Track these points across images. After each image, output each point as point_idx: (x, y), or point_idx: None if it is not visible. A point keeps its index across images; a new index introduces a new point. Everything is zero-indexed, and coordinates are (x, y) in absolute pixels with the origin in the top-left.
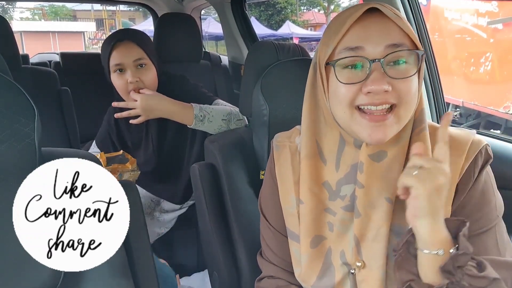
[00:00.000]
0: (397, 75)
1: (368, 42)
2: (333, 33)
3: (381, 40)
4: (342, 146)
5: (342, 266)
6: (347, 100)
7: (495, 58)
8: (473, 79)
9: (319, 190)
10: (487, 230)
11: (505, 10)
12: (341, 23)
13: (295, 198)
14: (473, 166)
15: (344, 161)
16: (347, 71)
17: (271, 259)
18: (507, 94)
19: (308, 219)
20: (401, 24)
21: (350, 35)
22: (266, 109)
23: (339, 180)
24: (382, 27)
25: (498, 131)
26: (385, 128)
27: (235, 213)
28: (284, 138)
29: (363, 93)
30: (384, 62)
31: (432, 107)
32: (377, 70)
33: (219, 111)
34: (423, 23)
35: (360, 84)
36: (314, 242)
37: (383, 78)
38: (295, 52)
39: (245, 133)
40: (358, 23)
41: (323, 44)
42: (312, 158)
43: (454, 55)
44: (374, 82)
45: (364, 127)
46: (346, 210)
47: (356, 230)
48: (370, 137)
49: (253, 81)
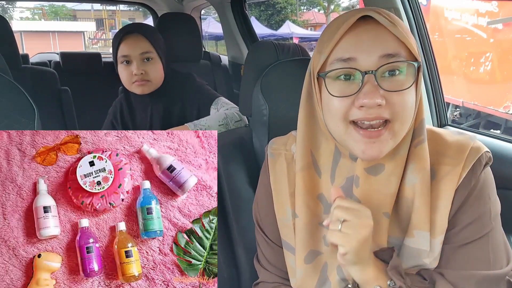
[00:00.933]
0: (391, 87)
1: (361, 52)
2: (326, 41)
3: (374, 50)
4: (338, 158)
5: (339, 282)
6: (340, 114)
7: (495, 58)
8: (473, 79)
9: (314, 204)
10: (479, 238)
11: (505, 10)
12: (334, 31)
13: (291, 210)
14: (470, 175)
15: (340, 173)
16: (339, 83)
17: (266, 267)
18: (507, 94)
19: (303, 233)
20: (397, 32)
21: (342, 45)
22: (266, 109)
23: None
24: (376, 36)
25: (498, 131)
26: (380, 145)
27: (235, 213)
28: (280, 146)
29: (356, 107)
30: (377, 74)
31: (432, 107)
32: (370, 82)
33: (214, 120)
34: (423, 23)
35: (353, 97)
36: (309, 257)
37: (376, 91)
38: (295, 52)
39: (245, 133)
40: (351, 31)
41: (317, 51)
42: (306, 170)
43: (454, 55)
44: (366, 96)
45: (358, 142)
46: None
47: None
48: (364, 153)
49: (253, 81)
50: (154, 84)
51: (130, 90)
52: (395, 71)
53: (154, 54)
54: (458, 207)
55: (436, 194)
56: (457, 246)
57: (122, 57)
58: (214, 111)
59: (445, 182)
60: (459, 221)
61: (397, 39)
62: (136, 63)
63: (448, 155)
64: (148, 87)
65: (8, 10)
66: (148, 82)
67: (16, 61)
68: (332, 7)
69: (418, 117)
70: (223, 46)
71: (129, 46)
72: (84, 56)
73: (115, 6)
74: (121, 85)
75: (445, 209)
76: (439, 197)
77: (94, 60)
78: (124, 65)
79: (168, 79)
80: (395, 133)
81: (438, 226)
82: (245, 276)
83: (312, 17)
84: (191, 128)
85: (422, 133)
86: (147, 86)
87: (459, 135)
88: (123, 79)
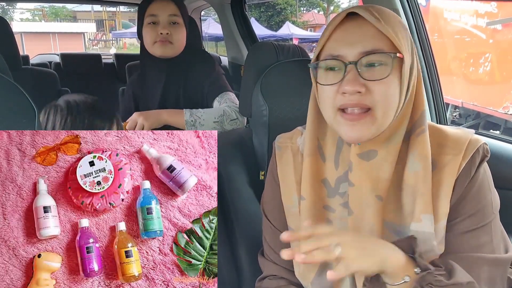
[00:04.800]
0: (371, 77)
1: (346, 49)
2: (322, 37)
3: (356, 47)
4: (341, 145)
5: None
6: (328, 101)
7: (495, 58)
8: (472, 80)
9: (319, 187)
10: (482, 226)
11: (504, 11)
12: (328, 27)
13: (297, 197)
14: (470, 164)
15: (342, 159)
16: (327, 73)
17: (273, 259)
18: (506, 94)
19: (308, 215)
20: (380, 27)
21: (332, 41)
22: (265, 109)
23: (339, 178)
24: (360, 32)
25: (498, 131)
26: (361, 127)
27: (235, 213)
28: (286, 139)
29: (339, 94)
30: (358, 65)
31: (432, 107)
32: (352, 72)
33: (210, 114)
34: (423, 24)
35: (337, 85)
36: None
37: (356, 79)
38: (295, 52)
39: (245, 133)
40: (339, 28)
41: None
42: (313, 156)
43: (453, 55)
44: (348, 83)
45: (342, 126)
46: (344, 207)
47: (351, 228)
48: (346, 135)
49: (253, 82)
50: (176, 48)
51: (151, 51)
52: (375, 63)
53: (180, 20)
54: (459, 195)
55: (437, 183)
56: (461, 233)
57: (150, 16)
58: (216, 104)
59: (446, 171)
60: (463, 210)
61: (381, 34)
62: (163, 24)
63: (448, 146)
64: (170, 49)
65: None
66: (170, 44)
67: (16, 62)
68: (332, 8)
69: (419, 108)
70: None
71: (159, 7)
72: (84, 57)
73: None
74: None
75: (446, 196)
76: (441, 185)
77: (94, 61)
78: (150, 26)
79: (188, 50)
80: (376, 119)
81: (440, 212)
82: (245, 276)
83: (312, 18)
84: (187, 114)
85: (423, 123)
86: (169, 48)
87: (458, 129)
88: (146, 39)
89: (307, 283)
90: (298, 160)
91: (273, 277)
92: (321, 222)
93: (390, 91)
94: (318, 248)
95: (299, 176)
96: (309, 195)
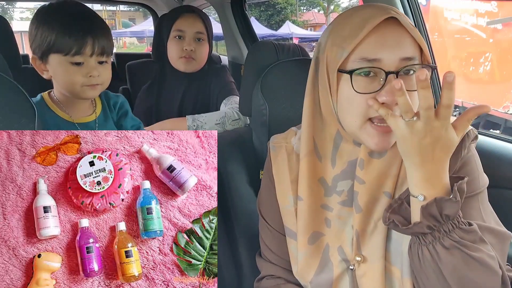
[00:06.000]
0: (409, 87)
1: (385, 53)
2: (348, 36)
3: (397, 52)
4: (338, 143)
5: (340, 262)
6: (361, 110)
7: (495, 58)
8: (472, 79)
9: (316, 187)
10: (471, 195)
11: (505, 10)
12: (356, 28)
13: (293, 197)
14: (460, 146)
15: (340, 157)
16: (361, 79)
17: (270, 259)
18: (506, 94)
19: (306, 215)
20: (416, 36)
21: (367, 44)
22: (266, 109)
23: (335, 176)
24: (398, 38)
25: (498, 131)
26: (390, 138)
27: (235, 213)
28: (280, 140)
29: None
30: (399, 75)
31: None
32: (391, 82)
33: (212, 118)
34: (423, 23)
35: (374, 94)
36: (312, 239)
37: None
38: (295, 52)
39: (245, 132)
40: (374, 31)
41: (335, 45)
42: (309, 156)
43: (453, 55)
44: (388, 94)
45: (373, 137)
46: (343, 205)
47: (357, 225)
48: (377, 146)
49: (253, 81)
50: (198, 64)
51: (175, 65)
52: (411, 71)
53: (205, 37)
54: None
55: None
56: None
57: (176, 31)
58: (223, 106)
59: None
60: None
61: (414, 42)
62: (188, 40)
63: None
64: (193, 65)
65: (8, 10)
66: (193, 60)
67: (16, 61)
68: (332, 7)
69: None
70: (223, 46)
71: (187, 23)
72: None
73: (115, 7)
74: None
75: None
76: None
77: None
78: (176, 40)
79: (207, 65)
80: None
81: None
82: (245, 276)
83: (312, 18)
84: (189, 120)
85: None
86: (192, 64)
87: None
88: (171, 53)
89: (306, 282)
90: (293, 160)
91: (271, 277)
92: (319, 221)
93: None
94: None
95: (294, 175)
96: (307, 195)
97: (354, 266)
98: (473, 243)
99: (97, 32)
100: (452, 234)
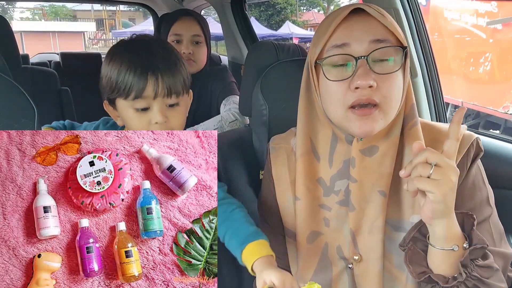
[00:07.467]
0: (382, 71)
1: (353, 39)
2: (322, 33)
3: (365, 36)
4: (335, 143)
5: (339, 260)
6: (339, 98)
7: (495, 58)
8: (472, 79)
9: (314, 187)
10: (482, 221)
11: (505, 10)
12: (328, 24)
13: (292, 197)
14: (465, 159)
15: (337, 157)
16: (335, 69)
17: None
18: (506, 94)
19: (304, 215)
20: (385, 22)
21: (337, 34)
22: (266, 109)
23: (333, 176)
24: (366, 25)
25: (498, 131)
26: (372, 121)
27: None
28: (280, 141)
29: (351, 90)
30: (369, 59)
31: (432, 107)
32: (363, 66)
33: (209, 124)
34: (423, 23)
35: (348, 81)
36: (310, 238)
37: (368, 73)
38: (295, 52)
39: (245, 132)
40: (343, 23)
41: (313, 44)
42: (306, 155)
43: (453, 55)
44: (360, 78)
45: (354, 121)
46: (341, 205)
47: (351, 224)
48: (359, 129)
49: (253, 81)
50: (197, 66)
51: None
52: (385, 57)
53: (203, 39)
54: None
55: None
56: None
57: (174, 35)
58: (222, 107)
59: None
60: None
61: (385, 28)
62: (186, 43)
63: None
64: (192, 67)
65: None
66: (193, 62)
67: (16, 61)
68: (332, 7)
69: (408, 102)
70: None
71: (183, 26)
72: (84, 56)
73: (115, 7)
74: None
75: None
76: None
77: (94, 60)
78: (174, 44)
79: (207, 66)
80: (385, 112)
81: None
82: (245, 276)
83: (312, 18)
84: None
85: (414, 116)
86: (191, 66)
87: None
88: None
89: (305, 283)
90: (292, 161)
91: None
92: (318, 221)
93: (395, 86)
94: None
95: (293, 176)
96: (305, 195)
97: (352, 265)
98: (489, 278)
99: (160, 67)
100: (474, 274)
